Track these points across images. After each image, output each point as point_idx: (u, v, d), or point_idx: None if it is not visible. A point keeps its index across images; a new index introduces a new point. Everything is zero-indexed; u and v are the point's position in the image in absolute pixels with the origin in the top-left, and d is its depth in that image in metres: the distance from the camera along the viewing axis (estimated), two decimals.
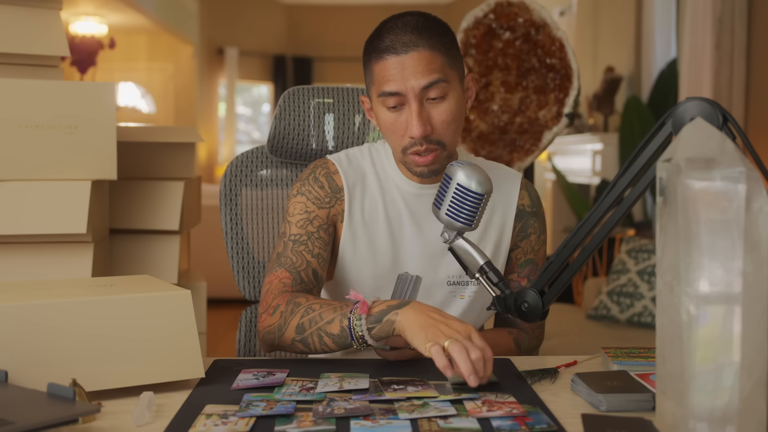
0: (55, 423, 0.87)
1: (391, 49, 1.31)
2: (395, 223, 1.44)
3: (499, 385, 1.14)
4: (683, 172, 0.86)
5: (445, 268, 1.44)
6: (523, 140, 2.78)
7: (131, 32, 7.88)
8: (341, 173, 1.45)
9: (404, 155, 1.36)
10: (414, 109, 1.31)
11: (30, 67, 1.80)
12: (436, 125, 1.33)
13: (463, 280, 1.44)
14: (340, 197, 1.44)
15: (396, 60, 1.31)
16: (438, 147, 1.34)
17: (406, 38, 1.31)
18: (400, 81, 1.31)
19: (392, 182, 1.46)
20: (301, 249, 1.40)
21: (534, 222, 1.49)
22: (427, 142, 1.33)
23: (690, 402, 0.86)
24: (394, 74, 1.31)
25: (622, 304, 3.23)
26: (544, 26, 2.74)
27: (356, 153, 1.49)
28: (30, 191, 1.69)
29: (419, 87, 1.30)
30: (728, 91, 3.62)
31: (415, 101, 1.31)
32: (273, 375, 1.18)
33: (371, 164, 1.47)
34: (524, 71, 2.78)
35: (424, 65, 1.30)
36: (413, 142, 1.33)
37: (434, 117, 1.33)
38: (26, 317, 1.06)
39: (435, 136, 1.33)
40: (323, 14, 9.76)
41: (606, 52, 5.59)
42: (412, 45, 1.30)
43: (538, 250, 1.50)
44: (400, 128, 1.34)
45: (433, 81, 1.31)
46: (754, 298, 0.85)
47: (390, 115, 1.34)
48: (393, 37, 1.32)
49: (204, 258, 4.27)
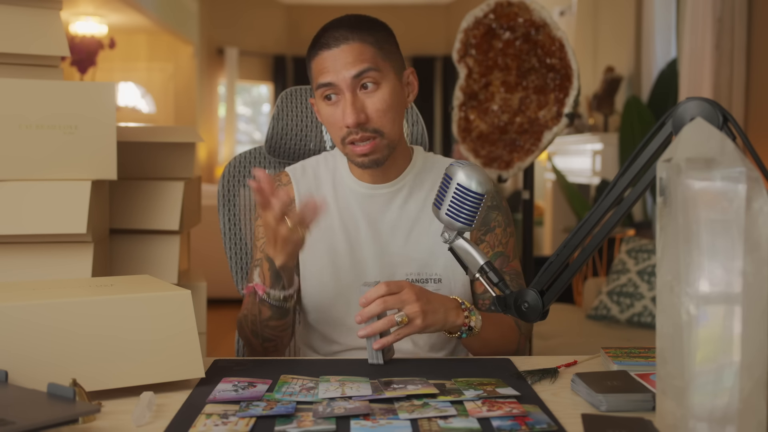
0: (55, 423, 0.87)
1: (324, 45, 1.39)
2: (351, 227, 1.48)
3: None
4: (683, 172, 0.86)
5: (403, 267, 1.46)
6: (523, 140, 2.78)
7: (131, 32, 7.88)
8: (294, 184, 1.51)
9: (344, 147, 1.41)
10: (347, 99, 1.37)
11: (30, 67, 1.80)
12: (370, 114, 1.38)
13: (422, 278, 1.46)
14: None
15: (329, 54, 1.38)
16: (376, 135, 1.39)
17: (337, 34, 1.39)
18: (332, 72, 1.37)
19: (345, 186, 1.50)
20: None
21: (497, 215, 1.50)
22: (363, 130, 1.38)
23: (690, 402, 0.86)
24: (327, 66, 1.38)
25: (622, 304, 3.23)
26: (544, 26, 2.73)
27: (312, 162, 1.55)
28: (30, 191, 1.69)
29: (350, 76, 1.37)
30: (728, 91, 3.62)
31: (348, 91, 1.37)
32: (254, 387, 1.13)
33: (326, 170, 1.52)
34: (524, 71, 2.78)
35: (354, 56, 1.37)
36: (349, 131, 1.38)
37: (368, 106, 1.38)
38: (26, 317, 1.06)
39: (371, 124, 1.38)
40: (323, 14, 9.71)
41: (606, 52, 5.59)
42: (342, 39, 1.38)
43: (506, 242, 1.51)
44: (338, 120, 1.39)
45: (363, 70, 1.37)
46: (754, 298, 0.85)
47: (328, 108, 1.40)
48: (327, 34, 1.40)
49: (204, 258, 4.27)
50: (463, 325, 1.31)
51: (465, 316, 1.31)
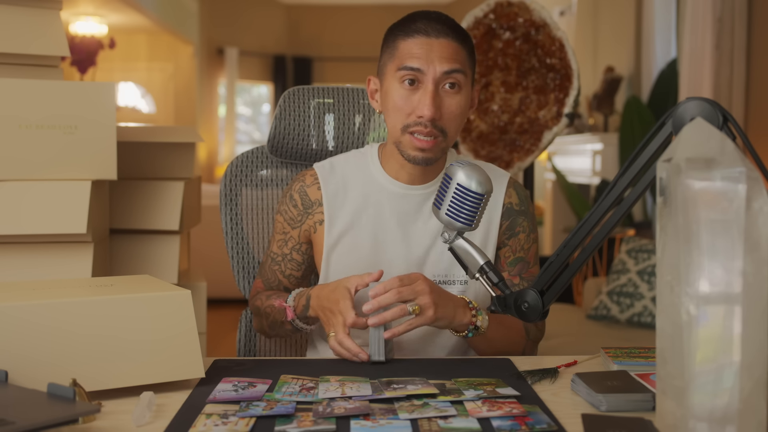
0: (55, 423, 0.87)
1: (422, 30, 1.37)
2: (379, 227, 1.45)
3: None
4: (683, 172, 0.86)
5: (430, 267, 1.45)
6: (523, 140, 2.78)
7: (131, 32, 7.88)
8: (321, 183, 1.48)
9: (403, 133, 1.38)
10: (430, 91, 1.35)
11: (30, 67, 1.80)
12: (445, 113, 1.36)
13: (448, 279, 1.45)
14: (312, 211, 1.48)
15: (425, 40, 1.36)
16: (440, 135, 1.37)
17: (438, 26, 1.37)
18: (424, 60, 1.35)
19: (378, 184, 1.47)
20: (276, 269, 1.53)
21: (523, 220, 1.50)
22: (432, 125, 1.35)
23: (690, 402, 0.86)
24: (420, 53, 1.35)
25: (622, 304, 3.23)
26: (544, 26, 2.73)
27: (341, 160, 1.52)
28: (30, 191, 1.69)
29: (441, 71, 1.35)
30: (728, 91, 3.62)
31: (432, 83, 1.35)
32: (254, 387, 1.13)
33: (356, 169, 1.49)
34: (524, 71, 2.78)
35: (450, 53, 1.36)
36: (419, 121, 1.35)
37: (445, 105, 1.36)
38: (26, 317, 1.06)
39: (441, 123, 1.36)
40: (323, 14, 9.76)
41: (606, 52, 5.59)
42: (443, 32, 1.37)
43: (528, 248, 1.50)
44: (409, 106, 1.37)
45: (455, 69, 1.36)
46: (754, 298, 0.85)
47: (403, 91, 1.37)
48: (426, 22, 1.38)
49: (204, 258, 4.27)
50: (470, 324, 1.31)
51: (472, 315, 1.32)
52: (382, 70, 1.43)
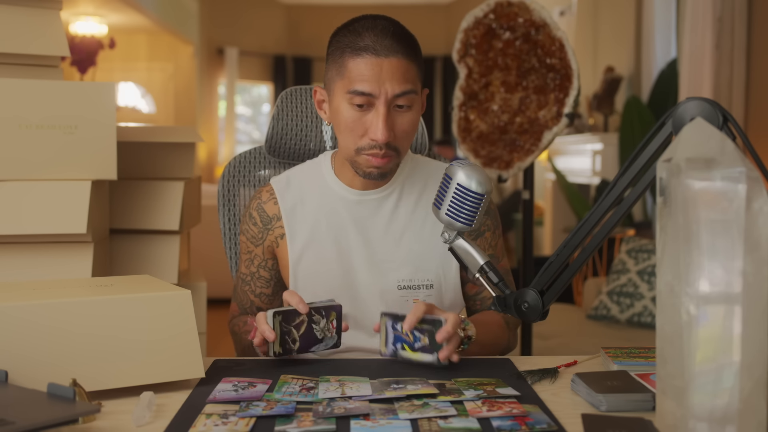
0: (55, 423, 0.87)
1: (371, 49, 1.31)
2: (340, 234, 1.44)
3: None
4: (683, 172, 0.86)
5: (394, 273, 1.43)
6: (523, 140, 2.78)
7: (131, 32, 7.87)
8: (278, 197, 1.47)
9: (357, 154, 1.36)
10: (382, 114, 1.31)
11: (30, 67, 1.80)
12: (398, 133, 1.34)
13: (414, 284, 1.43)
14: (272, 226, 1.48)
15: (375, 61, 1.30)
16: (394, 153, 1.35)
17: (387, 42, 1.31)
18: (375, 83, 1.30)
19: (333, 193, 1.46)
20: (246, 289, 1.52)
21: (485, 219, 1.49)
22: (386, 147, 1.33)
23: (690, 402, 0.86)
24: (370, 75, 1.31)
25: (622, 304, 3.23)
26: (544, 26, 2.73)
27: (297, 172, 1.51)
28: (30, 191, 1.69)
29: (392, 93, 1.31)
30: (728, 91, 3.62)
31: (384, 106, 1.31)
32: (254, 387, 1.14)
33: (312, 180, 1.49)
34: (524, 71, 2.78)
35: (401, 73, 1.31)
36: (373, 144, 1.33)
37: (397, 125, 1.34)
38: (26, 317, 1.06)
39: (394, 143, 1.34)
40: (323, 14, 9.75)
41: (606, 52, 5.59)
42: (392, 51, 1.31)
43: (495, 244, 1.51)
44: (361, 128, 1.34)
45: (407, 90, 1.32)
46: (754, 298, 0.85)
47: (354, 113, 1.34)
48: (373, 38, 1.32)
49: (204, 258, 4.27)
50: (465, 338, 1.31)
51: (463, 328, 1.32)
52: (329, 85, 1.38)
